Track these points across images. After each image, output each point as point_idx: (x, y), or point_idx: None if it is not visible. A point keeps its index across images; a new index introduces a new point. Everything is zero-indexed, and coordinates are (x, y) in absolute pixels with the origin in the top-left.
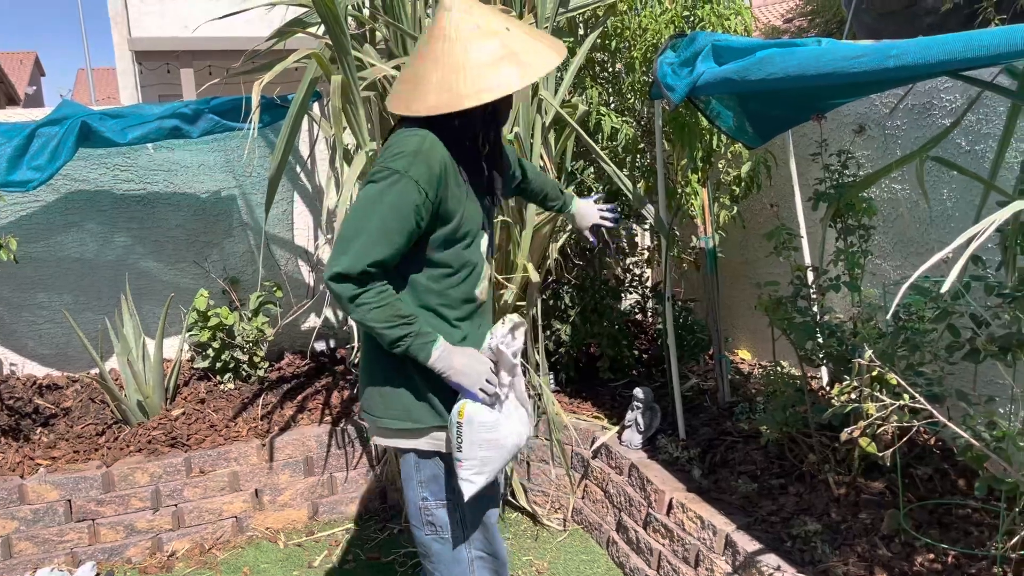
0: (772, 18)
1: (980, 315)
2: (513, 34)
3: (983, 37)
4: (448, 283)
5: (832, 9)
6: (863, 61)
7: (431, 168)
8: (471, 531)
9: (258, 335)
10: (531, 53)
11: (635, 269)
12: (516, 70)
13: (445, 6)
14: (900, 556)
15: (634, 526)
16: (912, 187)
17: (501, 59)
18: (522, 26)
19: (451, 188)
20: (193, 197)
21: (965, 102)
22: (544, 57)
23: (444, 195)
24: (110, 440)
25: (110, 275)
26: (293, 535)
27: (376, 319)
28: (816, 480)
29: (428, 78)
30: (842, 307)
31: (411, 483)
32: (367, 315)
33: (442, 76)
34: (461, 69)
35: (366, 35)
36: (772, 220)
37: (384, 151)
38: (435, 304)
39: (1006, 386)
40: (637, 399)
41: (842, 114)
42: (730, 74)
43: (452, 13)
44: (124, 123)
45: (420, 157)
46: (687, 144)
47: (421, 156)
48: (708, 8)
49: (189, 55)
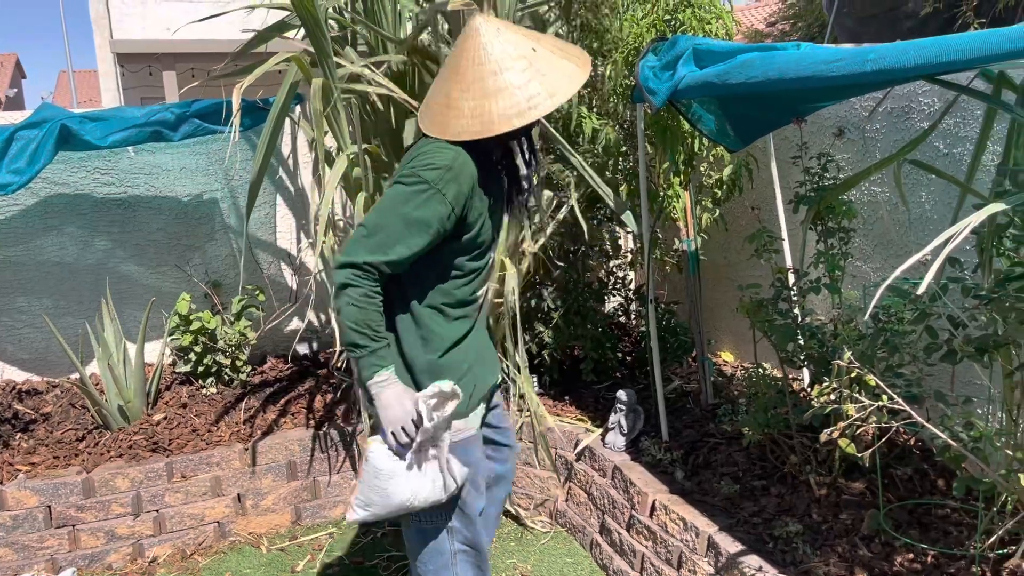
0: (755, 22)
1: (957, 317)
2: (540, 55)
3: (958, 42)
4: (456, 284)
5: (814, 13)
6: (841, 65)
7: (460, 186)
8: (454, 523)
9: (240, 339)
10: (558, 73)
11: (618, 272)
12: (545, 92)
13: (474, 28)
14: (880, 556)
15: (617, 528)
16: (892, 190)
17: (530, 82)
18: (548, 43)
19: (475, 202)
20: (175, 200)
21: (943, 106)
22: (572, 77)
23: (468, 209)
24: (90, 445)
25: (91, 279)
26: (276, 540)
27: (349, 316)
28: (798, 481)
29: (461, 104)
30: (823, 309)
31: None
32: (345, 307)
33: (475, 103)
34: (493, 96)
35: (347, 38)
36: (754, 223)
37: (415, 157)
38: (439, 303)
39: (984, 387)
40: (620, 401)
41: (822, 117)
42: (711, 78)
43: (482, 36)
44: (104, 126)
45: (451, 174)
46: (669, 147)
47: (452, 173)
48: (689, 12)
49: (171, 57)
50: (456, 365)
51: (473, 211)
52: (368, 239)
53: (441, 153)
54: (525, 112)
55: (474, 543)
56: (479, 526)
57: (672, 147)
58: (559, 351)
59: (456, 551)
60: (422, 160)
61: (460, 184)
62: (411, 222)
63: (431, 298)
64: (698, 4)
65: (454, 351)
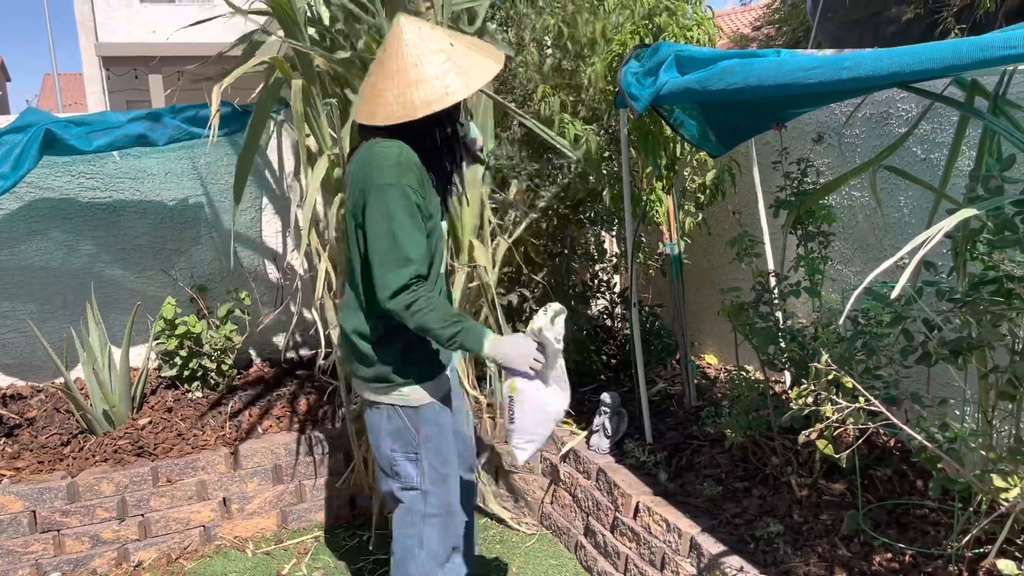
0: (741, 26)
1: (933, 320)
2: (457, 50)
3: (931, 50)
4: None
5: (799, 18)
6: (818, 72)
7: (415, 171)
8: (429, 487)
9: (226, 343)
10: (472, 65)
11: (603, 275)
12: (460, 80)
13: (399, 28)
14: (859, 556)
15: (602, 530)
16: (871, 194)
17: (447, 73)
18: (465, 41)
19: (427, 187)
20: (160, 204)
21: (920, 112)
22: (485, 69)
23: (424, 198)
24: (75, 450)
25: (75, 283)
26: (262, 543)
27: (432, 323)
28: (779, 482)
29: (386, 93)
30: (804, 312)
31: (381, 434)
32: (424, 319)
33: (398, 91)
34: (413, 85)
35: (325, 37)
36: (737, 227)
37: (367, 169)
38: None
39: (961, 388)
40: (605, 404)
41: (803, 123)
42: (692, 84)
43: (404, 35)
44: (89, 130)
45: (403, 165)
46: (652, 152)
47: (404, 163)
48: (667, 16)
49: (157, 60)
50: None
51: (427, 196)
52: (391, 262)
53: (386, 152)
54: (442, 98)
55: (446, 507)
56: (455, 491)
57: (655, 152)
58: None
59: (426, 514)
60: (374, 167)
61: (414, 169)
62: (405, 224)
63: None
64: (679, 11)
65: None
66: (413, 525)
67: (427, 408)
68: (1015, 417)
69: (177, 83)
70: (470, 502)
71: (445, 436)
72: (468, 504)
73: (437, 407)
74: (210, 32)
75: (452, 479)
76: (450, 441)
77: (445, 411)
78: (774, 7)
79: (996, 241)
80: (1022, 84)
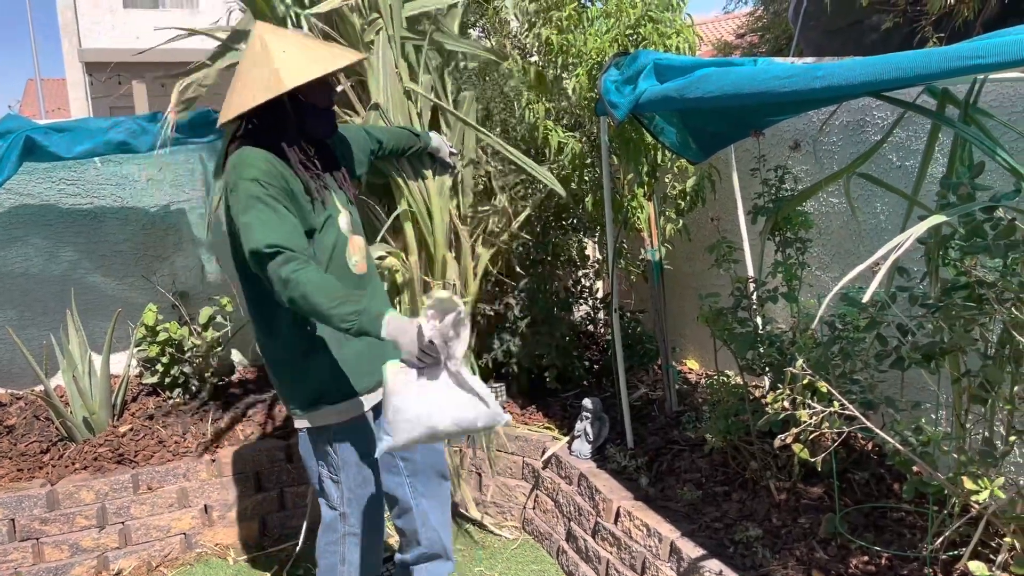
0: (724, 33)
1: (906, 325)
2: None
3: (901, 60)
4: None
5: (782, 26)
6: (793, 81)
7: (258, 166)
8: (347, 509)
9: (208, 349)
10: (306, 61)
11: (585, 281)
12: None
13: (252, 35)
14: (836, 559)
15: (583, 535)
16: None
17: (280, 69)
18: (311, 42)
19: (289, 182)
20: (142, 211)
21: (895, 120)
22: (319, 63)
23: (286, 188)
24: (55, 458)
25: (56, 290)
26: (243, 551)
27: (318, 295)
28: (758, 486)
29: (233, 93)
30: (783, 317)
31: (310, 456)
32: (305, 290)
33: (241, 87)
34: (254, 81)
35: None
36: (716, 233)
37: (225, 178)
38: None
39: (935, 392)
40: (586, 409)
41: (781, 130)
42: (670, 92)
43: (254, 39)
44: (70, 137)
45: (241, 163)
46: (632, 159)
47: (242, 162)
48: (651, 27)
49: (141, 66)
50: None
51: (294, 193)
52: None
53: (231, 162)
54: (272, 87)
55: (365, 526)
56: (371, 508)
57: (636, 159)
58: (526, 360)
59: (346, 533)
60: (227, 175)
61: (255, 164)
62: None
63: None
64: (659, 19)
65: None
66: (335, 543)
67: (344, 429)
68: (987, 420)
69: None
70: (444, 510)
71: (365, 457)
72: (443, 512)
73: (356, 427)
74: (194, 38)
75: (373, 499)
76: (374, 467)
77: (365, 430)
78: (757, 15)
79: (966, 247)
80: (992, 93)
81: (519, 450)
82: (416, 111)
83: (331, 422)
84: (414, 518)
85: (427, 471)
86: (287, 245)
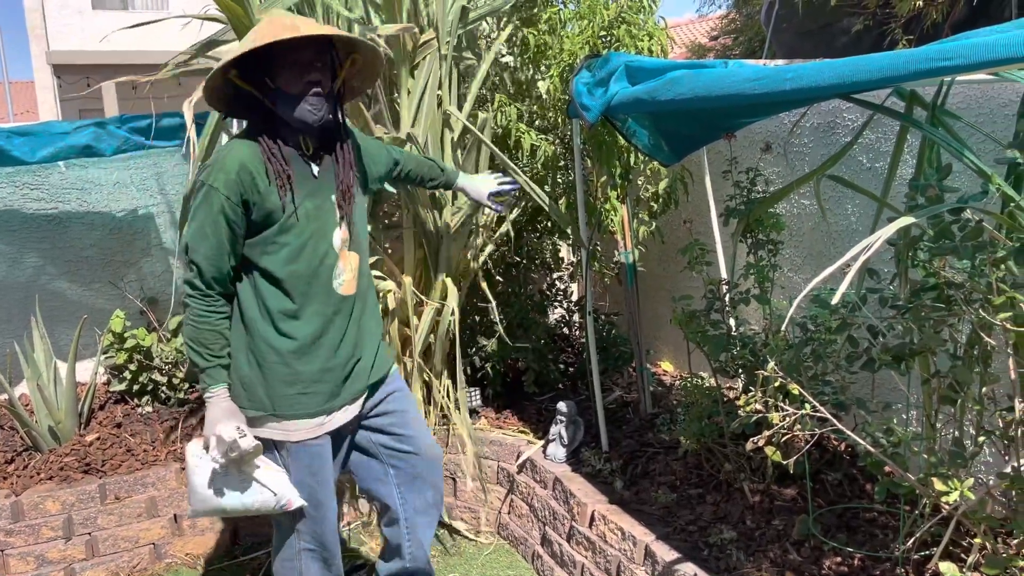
0: (698, 35)
1: (876, 326)
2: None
3: (869, 62)
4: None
5: (754, 28)
6: (762, 83)
7: (227, 173)
8: (300, 524)
9: (178, 356)
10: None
11: (560, 284)
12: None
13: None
14: (810, 560)
15: (558, 539)
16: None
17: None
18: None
19: (261, 189)
20: (108, 216)
21: (864, 122)
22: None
23: (252, 197)
24: (20, 468)
25: (20, 297)
26: (214, 560)
27: (185, 334)
28: (732, 488)
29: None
30: (756, 319)
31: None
32: (187, 330)
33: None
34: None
35: None
36: (690, 235)
37: None
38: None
39: (905, 393)
40: (561, 413)
41: (753, 132)
42: (641, 94)
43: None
44: (33, 141)
45: (217, 165)
46: (606, 162)
47: (218, 164)
48: (624, 29)
49: (110, 68)
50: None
51: (264, 200)
52: (190, 259)
53: (216, 153)
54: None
55: (319, 542)
56: (328, 528)
57: (608, 161)
58: (501, 363)
59: (301, 549)
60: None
61: (227, 171)
62: (204, 225)
63: (256, 306)
64: (633, 22)
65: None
66: (291, 559)
67: (299, 449)
68: (957, 421)
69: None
70: (431, 525)
71: (320, 481)
72: (430, 528)
73: (313, 451)
74: (164, 39)
75: (325, 519)
76: (327, 485)
77: (322, 454)
78: (730, 18)
79: (935, 248)
80: (960, 95)
81: (494, 454)
82: (453, 136)
83: (292, 439)
84: (400, 530)
85: (419, 483)
86: (203, 270)
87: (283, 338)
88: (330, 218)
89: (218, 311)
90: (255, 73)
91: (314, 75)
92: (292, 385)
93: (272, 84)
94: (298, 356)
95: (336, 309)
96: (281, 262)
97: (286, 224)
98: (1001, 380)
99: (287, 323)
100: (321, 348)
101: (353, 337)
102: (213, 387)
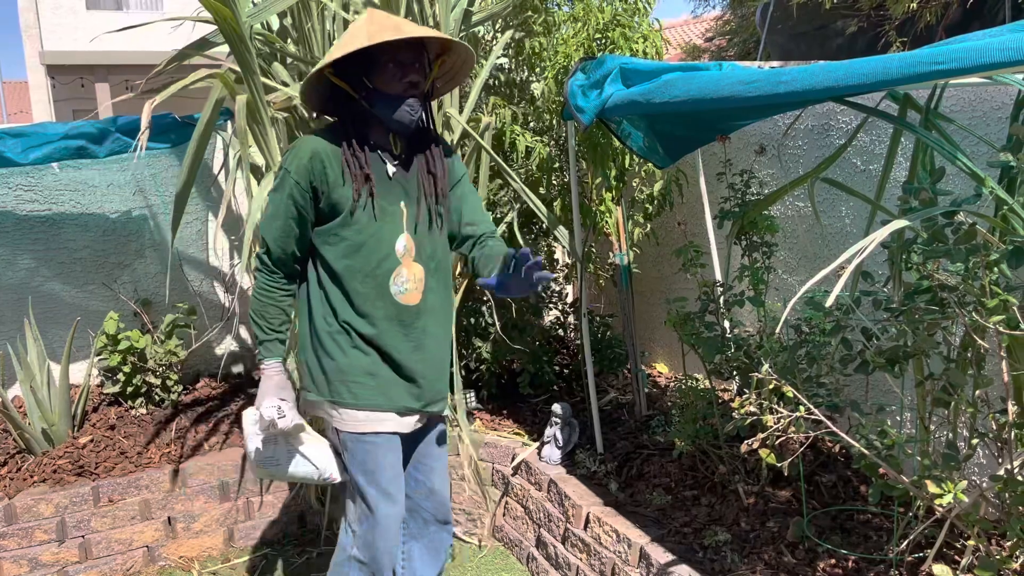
0: (693, 37)
1: (870, 329)
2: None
3: (862, 66)
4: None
5: (749, 29)
6: (756, 86)
7: (300, 159)
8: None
9: (171, 358)
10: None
11: (554, 285)
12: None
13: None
14: (804, 562)
15: (553, 541)
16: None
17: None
18: (413, 26)
19: (330, 180)
20: (102, 217)
21: (858, 124)
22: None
23: (322, 187)
24: (12, 471)
25: (13, 299)
26: (208, 563)
27: (255, 310)
28: (727, 490)
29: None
30: (751, 321)
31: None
32: (253, 303)
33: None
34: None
35: (275, 53)
36: (684, 237)
37: None
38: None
39: (899, 396)
40: (556, 415)
41: (747, 134)
42: (636, 97)
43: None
44: (26, 142)
45: (294, 151)
46: (600, 164)
47: (295, 150)
48: (618, 31)
49: (104, 69)
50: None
51: (332, 191)
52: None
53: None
54: (334, 52)
55: (370, 554)
56: (375, 535)
57: (603, 163)
58: (497, 365)
59: (352, 556)
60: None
61: (300, 156)
62: (278, 207)
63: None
64: (627, 24)
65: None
66: (341, 564)
67: (353, 441)
68: (951, 423)
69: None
70: (436, 557)
71: (372, 482)
72: (433, 559)
73: (366, 446)
74: (158, 40)
75: (377, 527)
76: (384, 491)
77: (375, 453)
78: (725, 19)
79: (929, 251)
80: (953, 97)
81: (489, 456)
82: (453, 138)
83: (352, 430)
84: (397, 556)
85: (423, 513)
86: (271, 248)
87: (335, 327)
88: (396, 222)
89: (282, 288)
90: (351, 71)
91: (413, 76)
92: (340, 373)
93: (369, 83)
94: (345, 348)
95: (391, 315)
96: (339, 255)
97: (349, 219)
98: (994, 383)
99: (342, 314)
100: (371, 347)
101: (408, 350)
102: (268, 359)
